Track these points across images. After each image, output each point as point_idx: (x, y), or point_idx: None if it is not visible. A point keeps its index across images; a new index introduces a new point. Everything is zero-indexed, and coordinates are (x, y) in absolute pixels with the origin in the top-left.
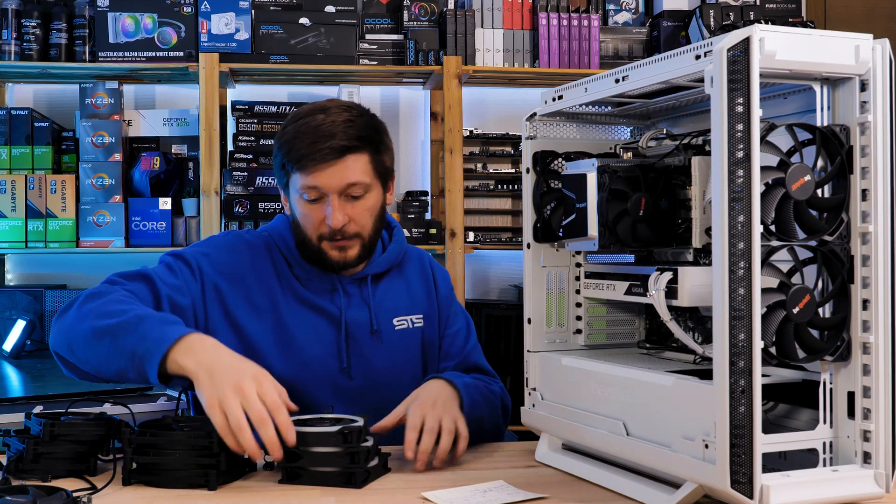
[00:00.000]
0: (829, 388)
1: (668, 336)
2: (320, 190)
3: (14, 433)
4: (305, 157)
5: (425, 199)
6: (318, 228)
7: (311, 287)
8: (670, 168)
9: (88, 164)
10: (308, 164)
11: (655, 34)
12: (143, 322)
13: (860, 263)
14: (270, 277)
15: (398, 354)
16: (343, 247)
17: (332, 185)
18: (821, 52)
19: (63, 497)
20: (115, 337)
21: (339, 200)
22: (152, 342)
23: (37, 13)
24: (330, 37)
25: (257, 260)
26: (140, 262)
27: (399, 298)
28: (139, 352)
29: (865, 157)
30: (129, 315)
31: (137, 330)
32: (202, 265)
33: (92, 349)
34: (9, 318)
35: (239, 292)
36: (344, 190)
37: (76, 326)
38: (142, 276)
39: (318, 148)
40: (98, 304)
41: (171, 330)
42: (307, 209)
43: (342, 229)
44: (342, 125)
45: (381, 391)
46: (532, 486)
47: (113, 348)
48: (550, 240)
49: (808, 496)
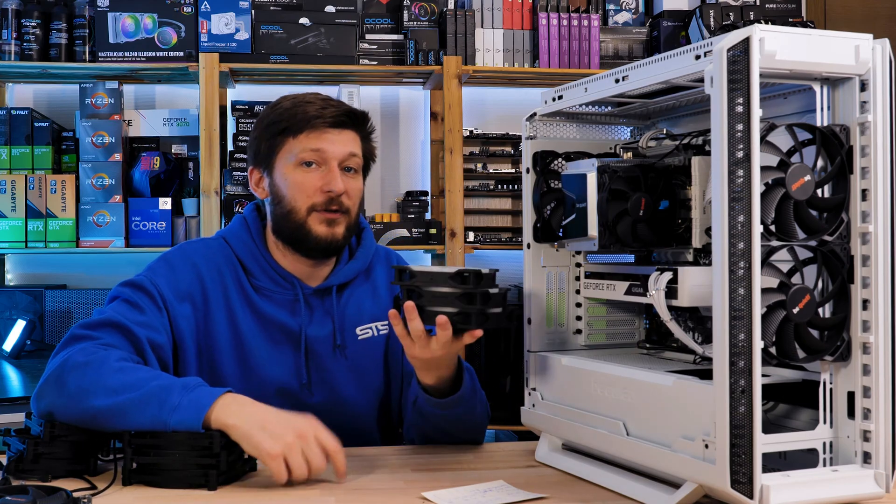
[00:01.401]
0: (829, 388)
1: (668, 336)
2: (323, 154)
3: (14, 433)
4: (314, 118)
5: (425, 199)
6: (312, 197)
7: (272, 299)
8: (670, 168)
9: (88, 164)
10: (316, 125)
11: (655, 34)
12: (167, 392)
13: (860, 263)
14: (228, 291)
15: (361, 366)
16: (333, 220)
17: (335, 150)
18: (821, 52)
19: (63, 497)
20: (130, 413)
21: (338, 170)
22: (187, 411)
23: (37, 13)
24: (330, 37)
25: (212, 273)
26: (140, 262)
27: (364, 306)
28: (171, 423)
29: (865, 157)
30: (146, 388)
31: (166, 402)
32: (162, 291)
33: (99, 425)
34: (9, 318)
35: (200, 309)
36: (344, 160)
37: (73, 406)
38: (111, 324)
39: (329, 111)
40: (92, 379)
41: (203, 394)
42: (302, 176)
43: (339, 199)
44: (341, 103)
45: (344, 406)
46: (532, 486)
47: (133, 422)
48: (550, 240)
49: (808, 496)
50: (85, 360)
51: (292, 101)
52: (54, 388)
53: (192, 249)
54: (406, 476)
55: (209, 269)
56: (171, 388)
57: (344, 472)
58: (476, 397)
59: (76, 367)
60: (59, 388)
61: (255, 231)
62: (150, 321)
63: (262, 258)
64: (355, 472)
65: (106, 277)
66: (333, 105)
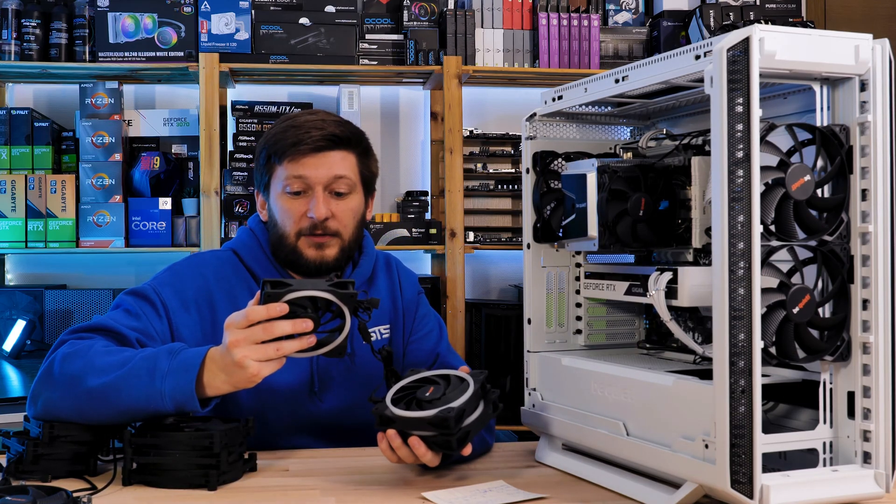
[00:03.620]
0: (829, 388)
1: (668, 336)
2: (306, 181)
3: (13, 434)
4: (294, 145)
5: (425, 199)
6: (298, 223)
7: None
8: (670, 168)
9: (88, 164)
10: (297, 153)
11: (655, 34)
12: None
13: (860, 263)
14: (237, 300)
15: (367, 372)
16: (321, 244)
17: (318, 176)
18: (821, 52)
19: (63, 497)
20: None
21: (324, 195)
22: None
23: (37, 13)
24: (330, 37)
25: (221, 283)
26: (140, 262)
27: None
28: (166, 390)
29: (865, 157)
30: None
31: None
32: (165, 299)
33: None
34: (9, 318)
35: (206, 318)
36: (330, 183)
37: (67, 394)
38: (101, 328)
39: (309, 136)
40: (81, 365)
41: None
42: (289, 203)
43: (324, 223)
44: (332, 122)
45: (352, 411)
46: (532, 486)
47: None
48: (550, 240)
49: (808, 496)
50: (72, 350)
51: (283, 124)
52: (46, 383)
53: (201, 259)
54: (406, 476)
55: (218, 279)
56: (158, 355)
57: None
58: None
59: (64, 359)
60: (51, 382)
61: (263, 241)
62: (144, 328)
63: (272, 267)
64: (356, 472)
65: (106, 277)
66: (318, 128)
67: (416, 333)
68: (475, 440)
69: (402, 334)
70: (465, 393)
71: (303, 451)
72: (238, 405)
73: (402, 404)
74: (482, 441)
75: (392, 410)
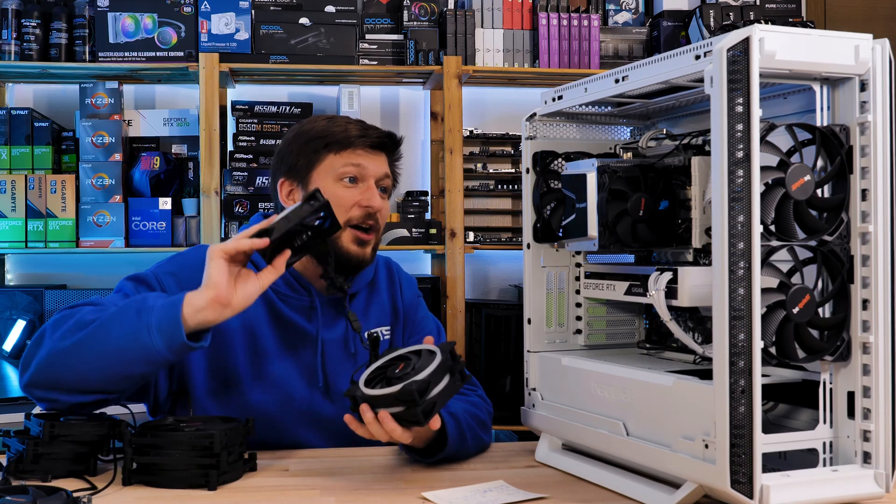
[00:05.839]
0: (829, 388)
1: (668, 336)
2: (364, 170)
3: (14, 434)
4: (358, 137)
5: (425, 199)
6: (350, 211)
7: (288, 303)
8: (670, 168)
9: (88, 164)
10: (359, 144)
11: (655, 34)
12: (142, 300)
13: (860, 263)
14: None
15: None
16: (365, 241)
17: (374, 169)
18: (821, 52)
19: (63, 497)
20: (113, 327)
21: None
22: (164, 309)
23: (37, 13)
24: (330, 37)
25: None
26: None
27: (370, 311)
28: (153, 322)
29: (865, 157)
30: (121, 305)
31: (143, 306)
32: (166, 287)
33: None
34: (9, 318)
35: None
36: (381, 179)
37: (56, 351)
38: (96, 305)
39: (373, 133)
40: (70, 324)
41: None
42: (342, 191)
43: (375, 214)
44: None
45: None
46: (532, 486)
47: (116, 335)
48: (550, 240)
49: (808, 496)
50: (61, 315)
51: (329, 120)
52: (37, 346)
53: (205, 251)
54: (406, 476)
55: None
56: (146, 296)
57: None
58: (466, 440)
59: (55, 323)
60: (41, 343)
61: None
62: None
63: None
64: (356, 472)
65: (106, 277)
66: (373, 128)
67: (415, 335)
68: (470, 439)
69: (401, 336)
70: (430, 365)
71: (303, 451)
72: (248, 401)
73: (376, 383)
74: (479, 439)
75: (362, 390)
